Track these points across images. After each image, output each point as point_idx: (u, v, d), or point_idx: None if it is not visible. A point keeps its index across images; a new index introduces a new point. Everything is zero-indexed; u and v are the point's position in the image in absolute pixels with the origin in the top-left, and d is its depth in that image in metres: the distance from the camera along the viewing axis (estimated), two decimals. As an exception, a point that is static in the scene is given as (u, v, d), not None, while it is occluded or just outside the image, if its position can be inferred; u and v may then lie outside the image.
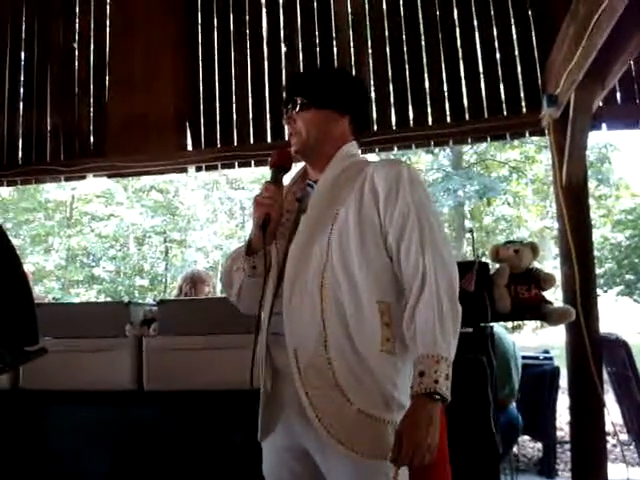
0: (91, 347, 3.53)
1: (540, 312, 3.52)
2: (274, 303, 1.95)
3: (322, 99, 2.05)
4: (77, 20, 5.69)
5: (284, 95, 2.16)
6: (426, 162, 18.77)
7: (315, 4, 5.28)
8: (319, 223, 1.94)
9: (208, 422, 3.36)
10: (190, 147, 5.34)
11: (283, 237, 2.03)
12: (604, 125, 4.73)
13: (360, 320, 1.84)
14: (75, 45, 5.66)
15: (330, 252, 1.88)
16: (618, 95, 4.71)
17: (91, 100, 5.55)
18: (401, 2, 5.12)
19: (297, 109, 2.05)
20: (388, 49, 5.10)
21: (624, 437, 5.15)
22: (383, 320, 1.84)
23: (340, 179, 1.99)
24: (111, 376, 3.46)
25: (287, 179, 2.14)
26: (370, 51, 5.13)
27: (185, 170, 5.69)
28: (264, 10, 5.41)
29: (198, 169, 5.61)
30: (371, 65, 5.11)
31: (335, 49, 5.19)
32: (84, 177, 5.74)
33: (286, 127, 2.12)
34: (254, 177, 20.06)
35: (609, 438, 4.76)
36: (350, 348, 1.83)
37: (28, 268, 14.83)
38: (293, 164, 2.11)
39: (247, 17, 5.39)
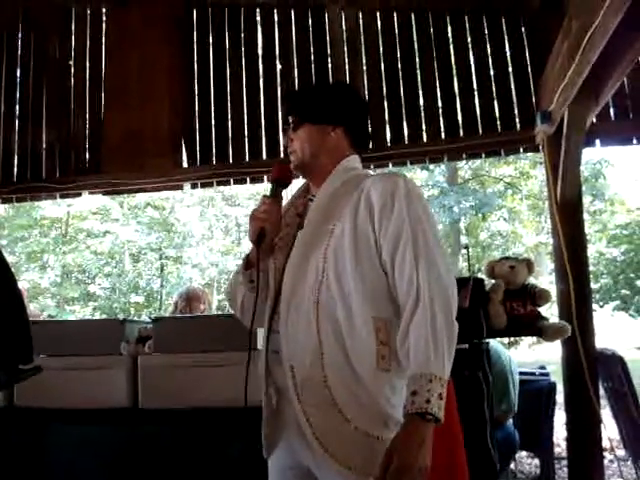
0: (86, 365, 3.52)
1: (536, 328, 3.53)
2: (272, 321, 1.95)
3: (313, 114, 2.04)
4: (73, 37, 5.69)
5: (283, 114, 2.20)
6: (421, 178, 18.79)
7: (310, 22, 5.31)
8: (315, 238, 1.91)
9: (204, 439, 3.34)
10: (185, 164, 5.35)
11: (281, 252, 2.01)
12: (598, 141, 4.76)
13: (355, 337, 1.81)
14: (71, 62, 5.66)
15: (326, 268, 1.85)
16: (612, 111, 4.74)
17: (87, 117, 5.54)
18: (395, 20, 5.16)
19: (292, 128, 2.06)
20: (383, 66, 5.13)
21: (621, 452, 5.14)
22: (379, 337, 1.80)
23: (338, 193, 1.96)
24: (106, 394, 3.45)
25: (287, 193, 2.13)
26: (365, 68, 5.16)
27: (180, 187, 5.69)
28: (259, 28, 5.44)
29: (193, 186, 5.61)
30: (366, 82, 5.13)
31: (330, 66, 5.22)
32: (79, 194, 5.74)
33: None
34: (250, 194, 20.07)
35: (606, 454, 4.75)
36: (346, 365, 1.80)
37: (23, 285, 14.82)
38: (293, 179, 2.11)
39: (243, 35, 5.42)
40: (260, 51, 5.40)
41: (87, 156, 5.47)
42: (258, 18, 5.48)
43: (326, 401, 1.80)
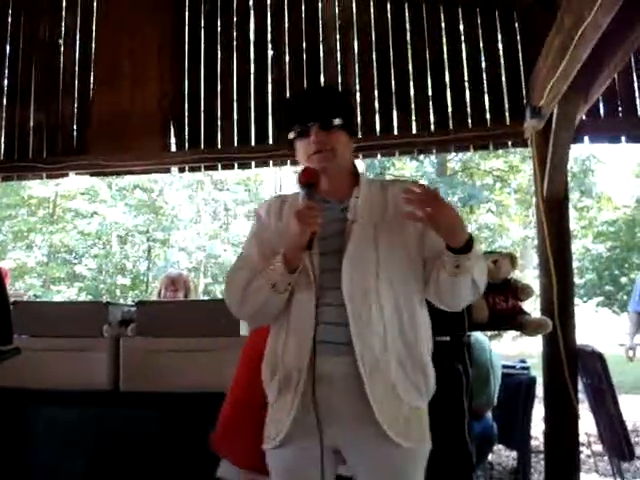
0: (68, 346, 3.52)
1: (517, 323, 3.55)
2: (318, 312, 2.02)
3: (351, 124, 2.23)
4: (63, 16, 5.63)
5: (305, 106, 2.24)
6: (411, 168, 18.81)
7: (303, 9, 5.29)
8: (365, 236, 2.08)
9: (184, 424, 3.35)
10: (174, 148, 5.33)
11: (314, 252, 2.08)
12: (586, 138, 4.78)
13: (412, 323, 2.08)
14: (61, 41, 5.62)
15: (381, 262, 2.06)
16: (601, 109, 4.75)
17: (75, 97, 5.51)
18: (389, 10, 5.14)
19: (330, 128, 2.14)
20: (374, 55, 5.12)
21: (598, 448, 5.18)
22: (425, 322, 2.14)
23: (371, 197, 2.17)
24: (88, 376, 3.46)
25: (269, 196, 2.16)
26: (356, 57, 5.15)
27: (168, 171, 5.68)
28: (252, 13, 5.41)
29: (181, 170, 5.60)
30: (357, 71, 5.12)
31: (322, 55, 5.21)
32: (66, 175, 5.70)
33: (311, 141, 2.15)
34: (239, 179, 20.00)
35: (583, 449, 4.79)
36: (407, 355, 2.06)
37: (8, 264, 14.75)
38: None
39: (235, 19, 5.40)
40: (252, 36, 5.38)
41: (75, 136, 5.44)
42: (251, 2, 5.45)
43: (386, 384, 2.01)
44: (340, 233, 2.11)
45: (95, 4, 5.58)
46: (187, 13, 5.47)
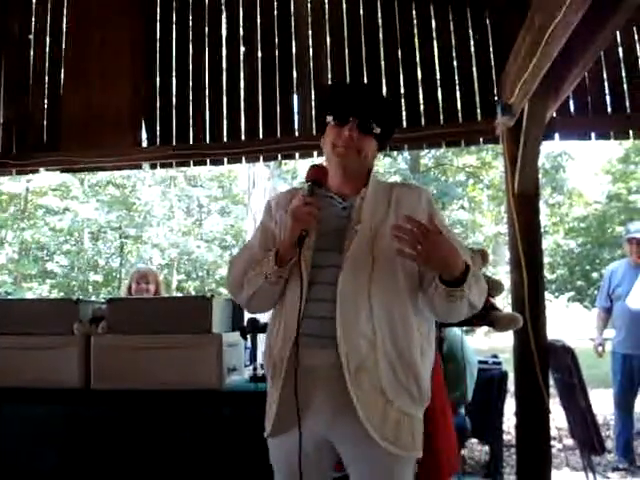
0: (38, 344, 3.49)
1: (488, 318, 3.56)
2: (305, 307, 2.05)
3: (386, 138, 2.27)
4: (34, 11, 5.57)
5: (355, 98, 2.26)
6: (384, 165, 18.83)
7: (275, 5, 5.27)
8: (365, 238, 2.10)
9: (155, 421, 3.34)
10: (145, 143, 5.29)
11: (307, 246, 2.10)
12: (557, 135, 4.82)
13: (405, 328, 2.07)
14: (31, 37, 5.55)
15: (379, 266, 2.07)
16: (571, 106, 4.79)
17: (46, 93, 5.44)
18: (361, 6, 5.14)
19: (365, 131, 2.17)
20: (347, 52, 5.12)
21: (568, 442, 5.24)
22: (420, 330, 2.11)
23: (375, 199, 2.19)
24: (58, 374, 3.43)
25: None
26: (329, 54, 5.14)
27: (139, 167, 5.63)
28: (223, 9, 5.38)
29: (153, 166, 5.57)
30: (329, 68, 5.12)
31: (294, 51, 5.19)
32: (37, 171, 5.66)
33: (344, 134, 2.17)
34: (212, 175, 19.94)
35: (554, 443, 4.84)
36: (397, 357, 2.05)
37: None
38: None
39: (206, 15, 5.36)
40: (224, 32, 5.35)
41: (45, 133, 5.37)
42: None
43: (375, 385, 2.02)
44: (339, 231, 2.14)
45: (66, 1, 5.51)
46: (158, 9, 5.42)
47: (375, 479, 2.07)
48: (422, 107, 4.99)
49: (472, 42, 5.00)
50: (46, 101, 5.44)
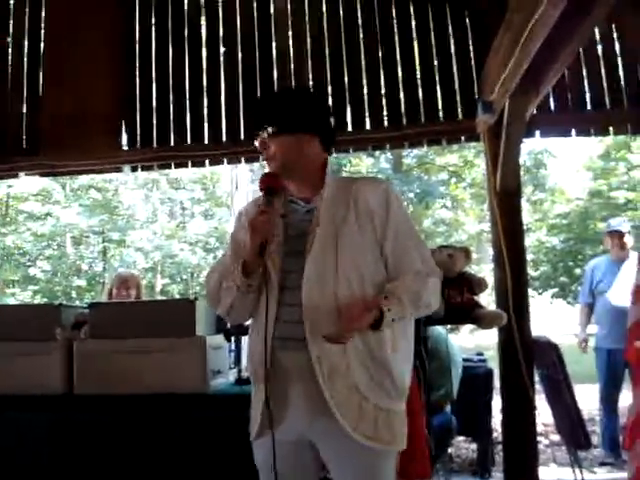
0: (20, 350, 3.46)
1: (472, 316, 3.57)
2: (279, 311, 2.11)
3: (291, 125, 2.17)
4: (12, 13, 5.51)
5: (254, 119, 2.32)
6: (366, 165, 18.85)
7: (255, 5, 5.25)
8: (328, 239, 2.11)
9: (140, 425, 3.32)
10: (126, 146, 5.25)
11: (276, 252, 2.15)
12: (538, 132, 4.84)
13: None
14: (9, 40, 5.49)
15: (341, 266, 2.09)
16: (552, 103, 4.81)
17: (25, 97, 5.38)
18: (341, 6, 5.14)
19: (270, 136, 2.17)
20: (327, 52, 5.11)
21: (555, 438, 5.26)
22: (392, 327, 2.08)
23: (336, 198, 2.18)
24: (41, 380, 3.40)
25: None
26: (309, 54, 5.13)
27: (120, 170, 5.60)
28: (203, 10, 5.36)
29: (134, 169, 5.53)
30: (310, 67, 5.10)
31: (274, 51, 5.18)
32: (16, 176, 5.58)
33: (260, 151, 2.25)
34: (195, 177, 19.87)
35: (540, 439, 4.86)
36: (367, 353, 2.07)
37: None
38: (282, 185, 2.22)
39: (186, 16, 5.33)
40: (204, 32, 5.33)
41: (24, 137, 5.31)
42: (202, 0, 5.41)
43: (349, 385, 2.06)
44: (304, 235, 2.16)
45: (44, 2, 5.46)
46: (137, 10, 5.38)
47: (356, 475, 2.10)
48: (403, 106, 4.99)
49: (452, 41, 5.01)
50: (25, 105, 5.37)
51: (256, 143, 2.23)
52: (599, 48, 4.84)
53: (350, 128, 5.02)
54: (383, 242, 2.15)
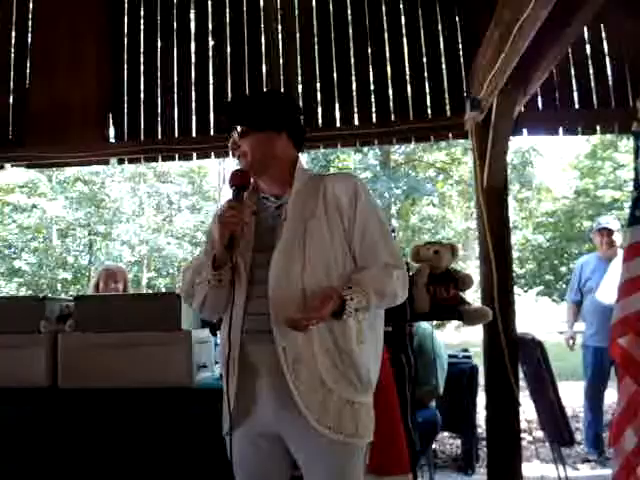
0: (4, 343, 3.42)
1: (457, 312, 3.57)
2: (247, 305, 2.14)
3: (259, 123, 2.22)
4: (-2, 4, 5.48)
5: (224, 121, 2.33)
6: (355, 161, 18.87)
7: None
8: (296, 233, 2.14)
9: (124, 419, 3.30)
10: (112, 139, 5.23)
11: (246, 248, 2.19)
12: (525, 130, 4.86)
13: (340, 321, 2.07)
14: (-5, 31, 5.46)
15: (310, 259, 2.11)
16: (539, 101, 4.83)
17: (11, 88, 5.34)
18: (330, 2, 5.13)
19: (238, 136, 2.23)
20: (316, 47, 5.11)
21: (538, 435, 5.29)
22: (357, 317, 2.10)
23: (305, 193, 2.21)
24: (25, 373, 3.37)
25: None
26: (298, 49, 5.12)
27: (107, 162, 5.57)
28: (192, 2, 5.34)
29: (120, 161, 5.51)
30: (299, 62, 5.10)
31: (263, 45, 5.17)
32: (2, 167, 5.55)
33: (230, 151, 2.30)
34: (183, 171, 19.85)
35: (524, 435, 4.88)
36: (333, 344, 2.09)
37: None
38: (251, 181, 2.28)
39: (175, 9, 5.31)
40: (193, 25, 5.31)
41: (11, 128, 5.28)
42: (191, -7, 5.39)
43: (313, 375, 2.07)
44: (273, 230, 2.20)
45: (31, -8, 5.43)
46: (126, 2, 5.36)
47: (322, 468, 2.12)
48: (391, 103, 4.99)
49: (441, 38, 5.02)
50: (12, 96, 5.34)
51: (228, 145, 2.28)
52: (587, 47, 4.86)
53: (339, 124, 5.02)
54: (351, 236, 2.18)
